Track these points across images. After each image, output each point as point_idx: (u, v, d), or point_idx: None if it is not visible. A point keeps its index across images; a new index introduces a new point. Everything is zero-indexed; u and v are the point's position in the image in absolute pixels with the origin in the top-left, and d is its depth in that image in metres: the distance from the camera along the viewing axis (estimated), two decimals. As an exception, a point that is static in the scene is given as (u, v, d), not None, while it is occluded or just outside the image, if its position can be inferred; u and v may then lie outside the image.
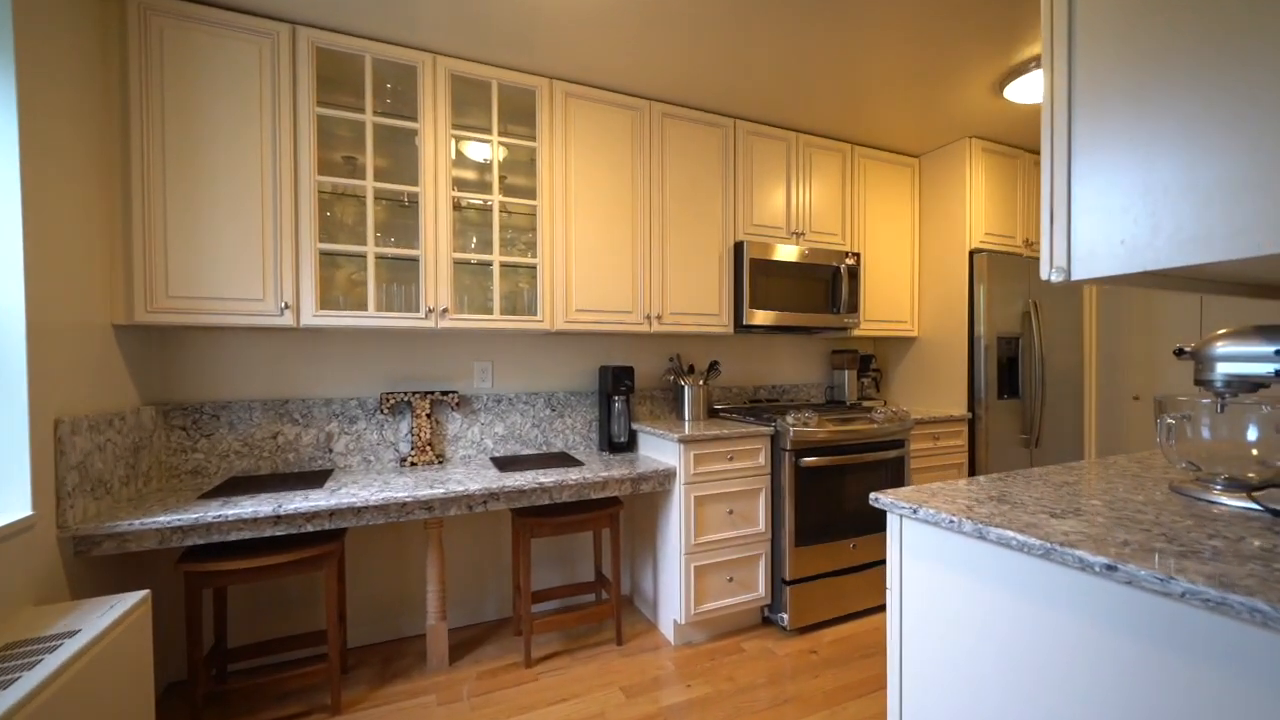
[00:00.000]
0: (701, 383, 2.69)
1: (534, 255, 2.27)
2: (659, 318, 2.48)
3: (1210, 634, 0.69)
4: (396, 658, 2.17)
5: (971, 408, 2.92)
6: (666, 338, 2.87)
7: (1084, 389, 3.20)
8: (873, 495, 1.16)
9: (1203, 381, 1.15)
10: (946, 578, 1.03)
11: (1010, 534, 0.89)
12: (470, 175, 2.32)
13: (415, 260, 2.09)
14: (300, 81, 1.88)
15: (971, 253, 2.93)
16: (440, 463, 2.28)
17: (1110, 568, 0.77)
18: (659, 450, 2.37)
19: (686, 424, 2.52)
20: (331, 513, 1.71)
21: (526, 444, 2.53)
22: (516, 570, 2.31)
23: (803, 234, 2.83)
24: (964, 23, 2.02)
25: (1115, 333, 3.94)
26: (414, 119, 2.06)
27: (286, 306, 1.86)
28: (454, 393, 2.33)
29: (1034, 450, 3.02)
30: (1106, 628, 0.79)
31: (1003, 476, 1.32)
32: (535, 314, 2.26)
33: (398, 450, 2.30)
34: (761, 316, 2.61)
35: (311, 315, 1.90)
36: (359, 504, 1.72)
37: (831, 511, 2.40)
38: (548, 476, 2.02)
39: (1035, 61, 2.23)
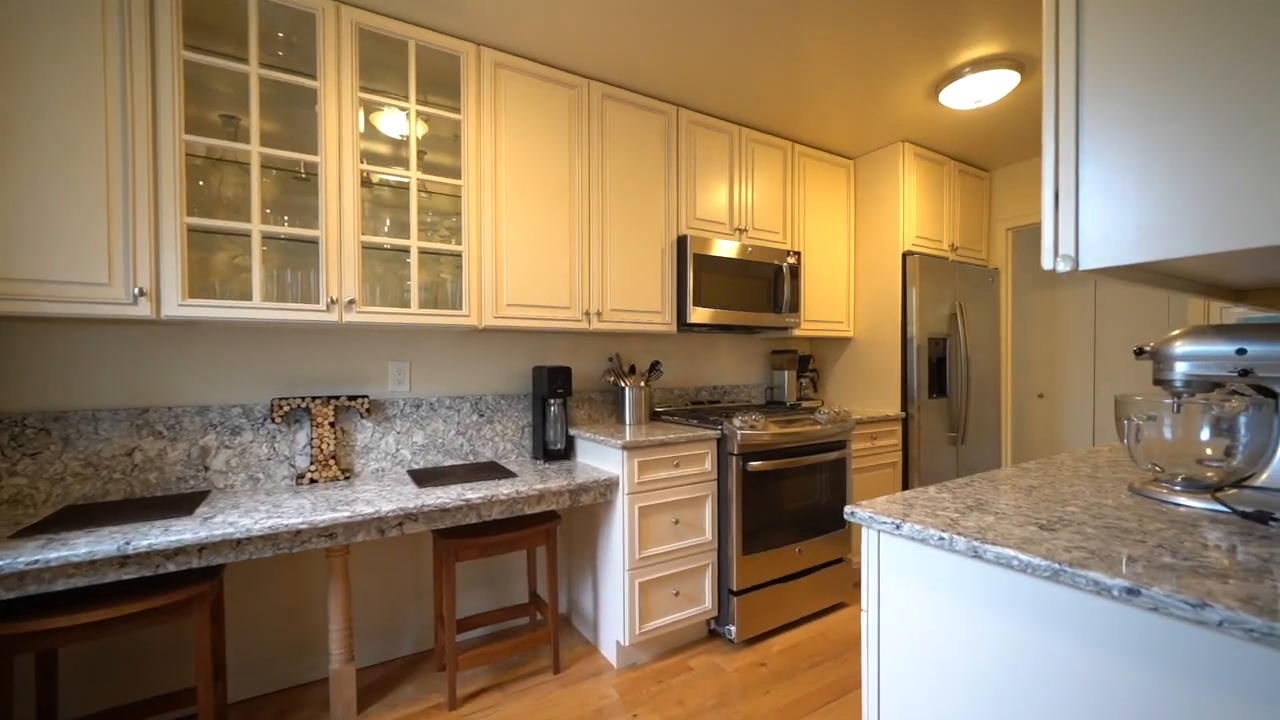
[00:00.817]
0: (643, 384, 2.54)
1: (459, 242, 2.02)
2: (599, 314, 2.30)
3: (1255, 668, 0.61)
4: (292, 710, 1.84)
5: (905, 407, 2.97)
6: (606, 336, 2.69)
7: (1001, 388, 3.37)
8: (848, 509, 1.05)
9: (1162, 381, 1.14)
10: (933, 600, 0.93)
11: (1010, 553, 0.80)
12: (383, 149, 2.03)
13: (314, 243, 1.78)
14: (160, 16, 1.53)
15: (904, 255, 2.98)
16: (347, 479, 1.97)
17: (1132, 591, 0.68)
18: (599, 458, 2.19)
19: (628, 428, 2.35)
20: (201, 547, 1.38)
21: (451, 454, 2.26)
22: (439, 597, 2.05)
23: (745, 230, 2.76)
24: (898, 25, 2.01)
25: (1023, 335, 4.22)
26: (312, 76, 1.75)
27: (142, 293, 1.50)
28: (364, 397, 2.03)
29: (960, 448, 3.13)
30: (1126, 658, 0.70)
31: (968, 481, 1.26)
32: (460, 308, 2.01)
33: (294, 466, 1.97)
34: (705, 315, 2.50)
35: (177, 305, 1.55)
36: (239, 535, 1.41)
37: (778, 516, 2.33)
38: (475, 491, 1.78)
39: (970, 66, 2.27)
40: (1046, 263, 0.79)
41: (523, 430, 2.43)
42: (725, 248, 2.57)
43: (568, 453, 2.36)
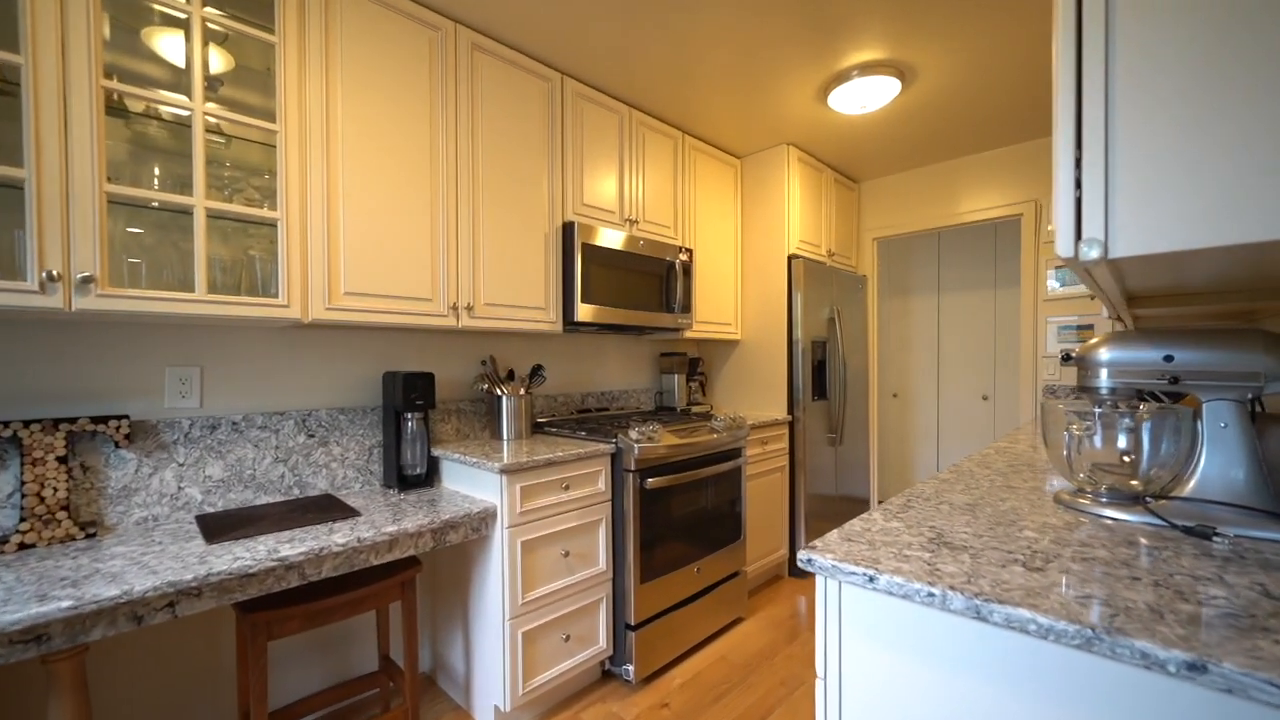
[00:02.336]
0: (524, 392, 2.18)
1: (273, 207, 1.51)
2: (469, 309, 1.91)
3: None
4: None
5: (791, 410, 2.97)
6: (479, 336, 2.29)
7: (869, 389, 3.55)
8: (804, 556, 0.84)
9: (1087, 389, 1.11)
10: (914, 669, 0.75)
11: (1025, 614, 0.63)
12: (157, 72, 1.45)
13: (17, 188, 1.18)
14: None
15: (790, 258, 2.98)
16: (90, 537, 1.36)
17: (1195, 667, 0.54)
18: (472, 483, 1.80)
19: (506, 445, 1.99)
20: None
21: (266, 489, 1.72)
22: (245, 689, 1.51)
23: (636, 222, 2.53)
24: (787, 22, 1.94)
25: (881, 339, 4.56)
26: (16, -63, 1.15)
27: None
28: (121, 419, 1.43)
29: (839, 448, 3.22)
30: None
31: (906, 503, 1.13)
32: (276, 295, 1.50)
33: (-9, 525, 1.31)
34: (594, 313, 2.22)
35: None
36: None
37: (676, 536, 2.12)
38: (296, 545, 1.31)
39: (858, 69, 2.27)
40: (1064, 249, 0.63)
41: (370, 452, 1.95)
42: (615, 239, 2.32)
43: (430, 478, 1.93)
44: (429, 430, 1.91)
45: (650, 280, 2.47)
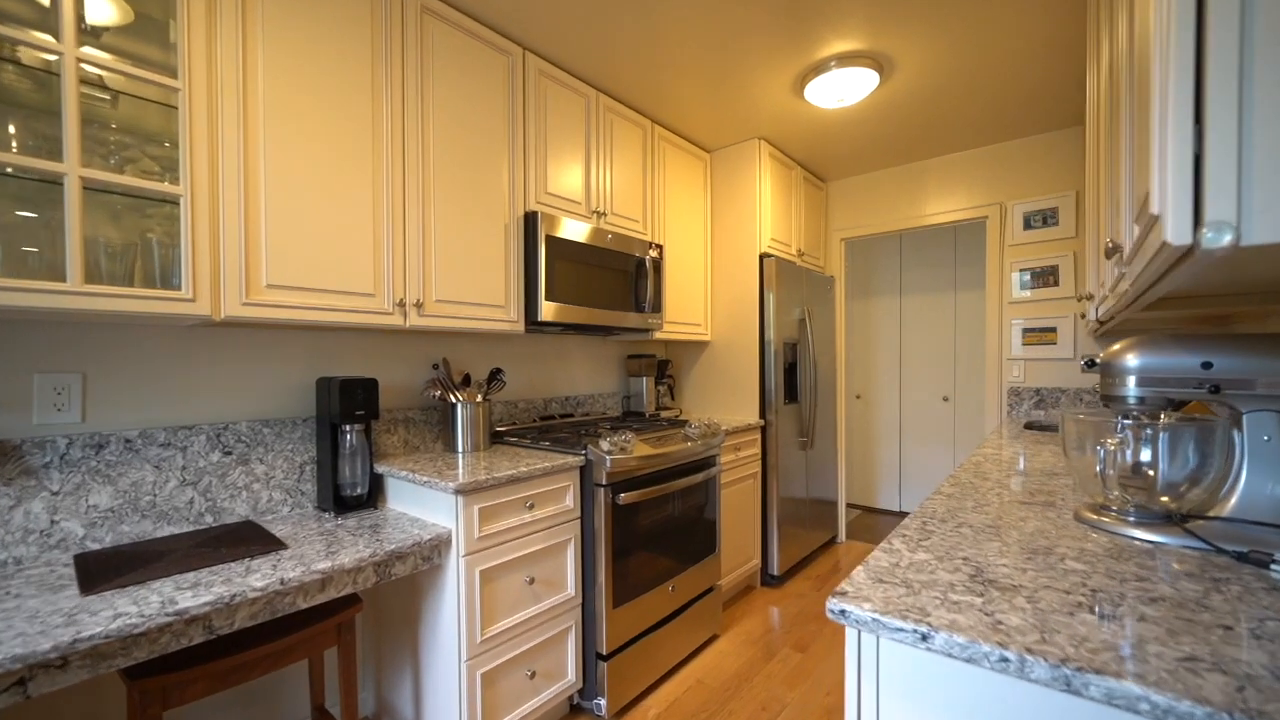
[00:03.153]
0: (481, 398, 1.97)
1: (175, 180, 1.25)
2: (418, 306, 1.68)
3: None
4: None
5: (764, 414, 2.87)
6: (430, 337, 2.06)
7: (836, 391, 3.50)
8: (835, 605, 0.69)
9: (1113, 398, 1.02)
10: (980, 744, 0.61)
11: (1135, 689, 0.51)
12: (18, 6, 1.17)
13: None
14: None
15: (762, 256, 2.88)
16: (-78, 591, 1.07)
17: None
18: (422, 504, 1.58)
19: (462, 459, 1.78)
20: None
21: (170, 517, 1.44)
22: (135, 765, 1.25)
23: (604, 214, 2.36)
24: (762, 6, 1.83)
25: (845, 339, 4.54)
26: None
27: None
28: (-31, 440, 1.14)
29: (809, 452, 3.14)
30: None
31: (925, 526, 1.01)
32: (179, 287, 1.25)
33: None
34: (558, 311, 2.04)
35: None
36: None
37: (650, 553, 1.96)
38: (202, 591, 1.07)
39: (836, 60, 2.18)
40: (1178, 235, 0.51)
41: (301, 470, 1.69)
42: (582, 231, 2.14)
43: (373, 498, 1.69)
44: (371, 443, 1.67)
45: (618, 277, 2.30)
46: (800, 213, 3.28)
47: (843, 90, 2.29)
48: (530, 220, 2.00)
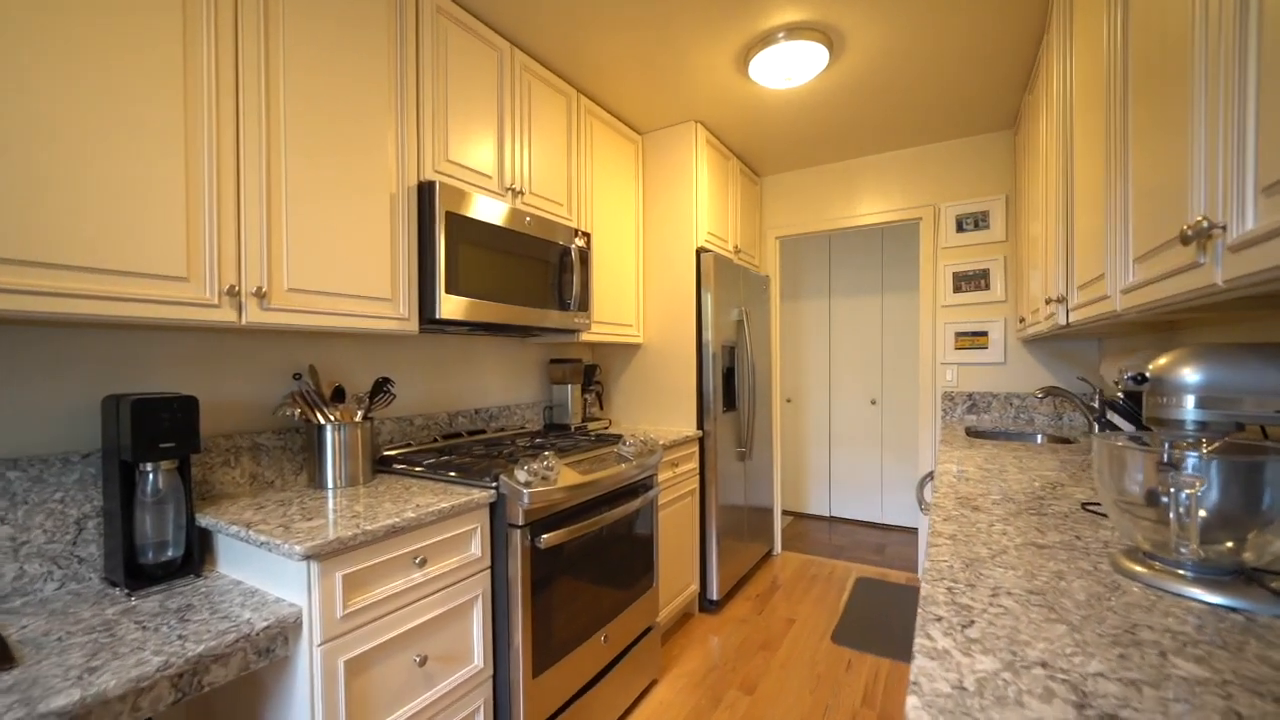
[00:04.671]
0: (361, 416, 1.54)
1: None
2: (261, 296, 1.23)
3: None
4: None
5: (701, 424, 2.61)
6: (286, 338, 1.59)
7: (771, 396, 3.34)
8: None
9: (1165, 421, 0.82)
10: None
11: None
12: None
13: None
14: None
15: (699, 251, 2.63)
16: None
17: None
18: (264, 567, 1.14)
19: (331, 499, 1.34)
20: None
21: None
22: None
23: (521, 193, 1.98)
24: None
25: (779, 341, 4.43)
26: None
27: None
28: None
29: (748, 463, 2.94)
30: None
31: (963, 611, 0.76)
32: None
33: None
34: (464, 307, 1.65)
35: None
36: None
37: (578, 602, 1.62)
38: None
39: (784, 31, 1.96)
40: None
41: (80, 528, 1.18)
42: (494, 211, 1.76)
43: (195, 562, 1.22)
44: (190, 486, 1.20)
45: (539, 268, 1.94)
46: (737, 207, 3.07)
47: (790, 68, 2.08)
48: (425, 191, 1.59)
